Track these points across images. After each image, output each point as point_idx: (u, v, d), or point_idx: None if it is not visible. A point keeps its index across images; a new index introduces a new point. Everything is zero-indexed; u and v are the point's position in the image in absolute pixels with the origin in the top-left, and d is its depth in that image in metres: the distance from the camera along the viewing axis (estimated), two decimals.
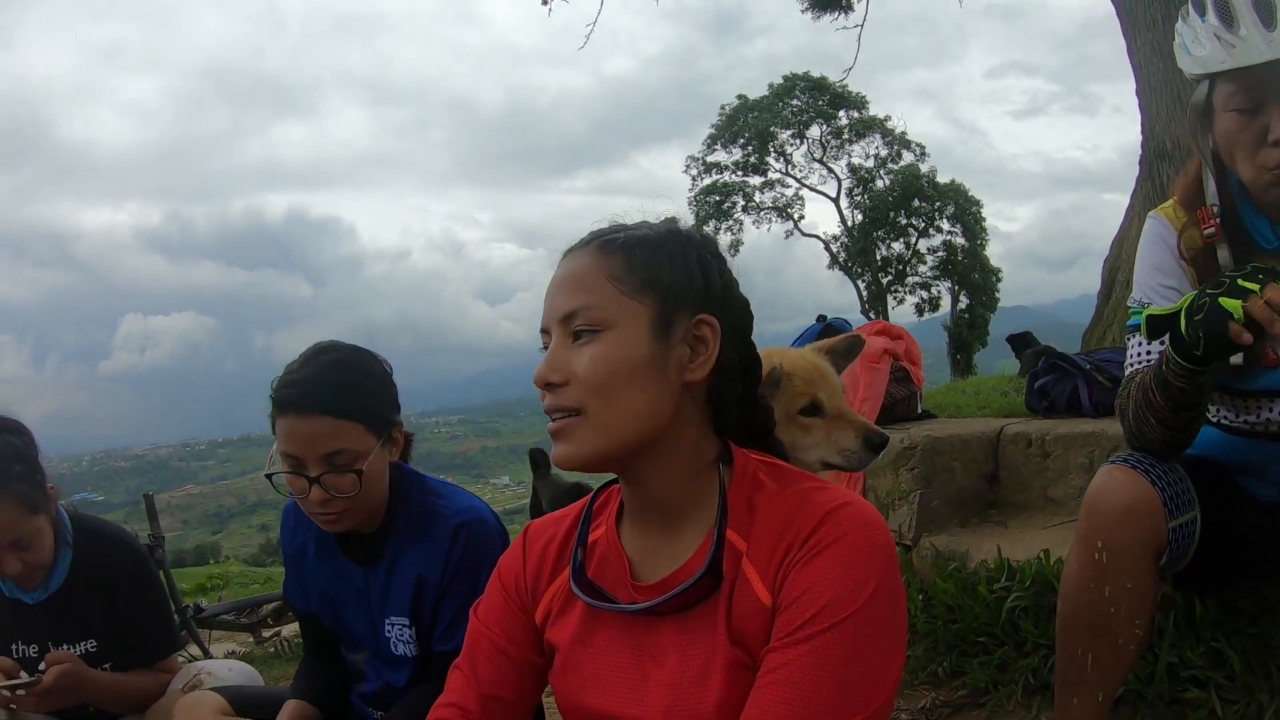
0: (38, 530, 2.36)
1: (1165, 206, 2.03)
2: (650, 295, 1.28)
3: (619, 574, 1.34)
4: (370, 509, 1.99)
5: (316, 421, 1.87)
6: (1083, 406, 3.66)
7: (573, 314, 1.27)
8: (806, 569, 1.18)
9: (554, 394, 1.26)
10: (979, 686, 2.66)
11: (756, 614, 1.22)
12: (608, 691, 1.31)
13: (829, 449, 2.09)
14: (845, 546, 1.18)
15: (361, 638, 2.13)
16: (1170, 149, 5.07)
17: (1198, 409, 1.82)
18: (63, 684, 2.30)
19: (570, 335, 1.27)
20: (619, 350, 1.25)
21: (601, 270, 1.28)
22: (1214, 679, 2.23)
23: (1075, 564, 1.91)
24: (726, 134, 33.42)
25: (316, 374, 1.93)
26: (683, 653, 1.26)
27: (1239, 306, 1.56)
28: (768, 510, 1.27)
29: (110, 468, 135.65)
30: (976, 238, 33.32)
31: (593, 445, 1.25)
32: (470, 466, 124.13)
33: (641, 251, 1.30)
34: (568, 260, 1.34)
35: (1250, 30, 1.71)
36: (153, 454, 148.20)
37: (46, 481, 2.39)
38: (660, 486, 1.31)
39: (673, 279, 1.29)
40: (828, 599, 1.15)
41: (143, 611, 2.56)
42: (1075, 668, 1.93)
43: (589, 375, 1.24)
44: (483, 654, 1.43)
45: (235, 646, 6.83)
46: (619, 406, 1.24)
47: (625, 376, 1.24)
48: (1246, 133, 1.80)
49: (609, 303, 1.26)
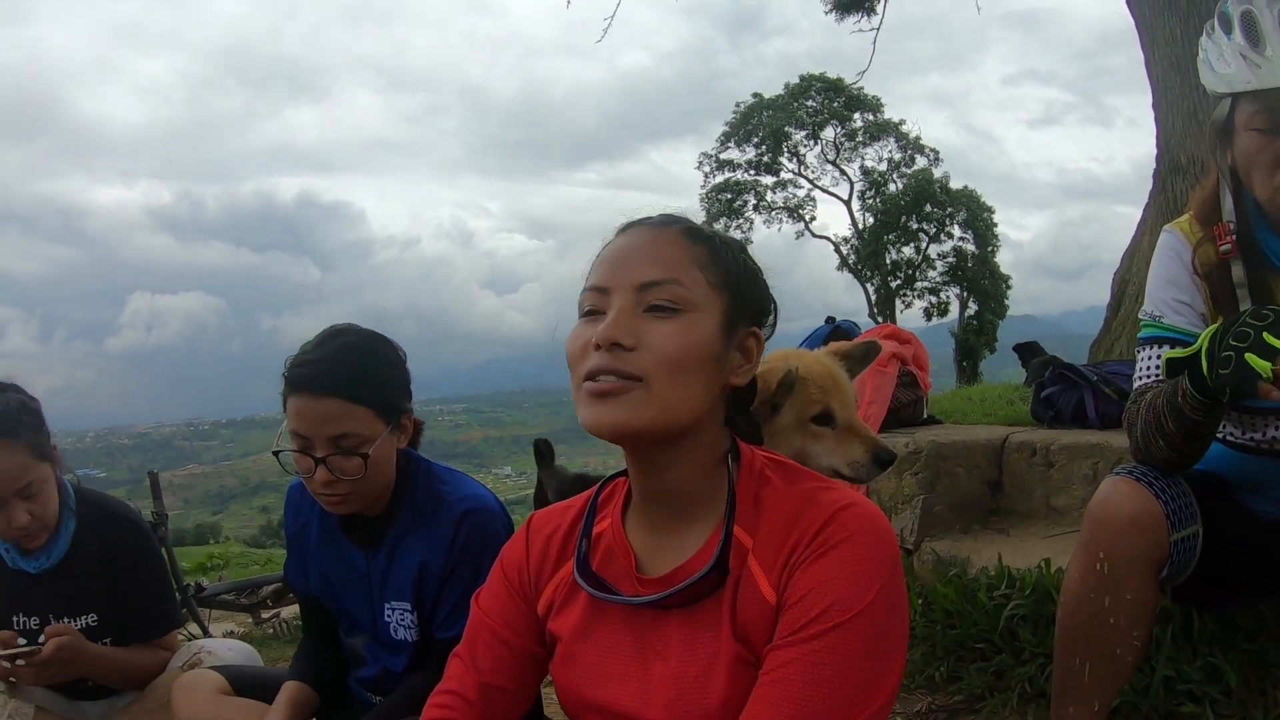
0: (45, 480, 2.38)
1: (1180, 221, 2.03)
2: (725, 294, 1.29)
3: (624, 567, 1.34)
4: (375, 494, 2.00)
5: (327, 403, 1.88)
6: (1088, 418, 3.66)
7: (654, 284, 1.25)
8: (812, 568, 1.18)
9: (617, 357, 1.22)
10: (975, 693, 2.66)
11: (761, 612, 1.22)
12: (610, 684, 1.31)
13: (838, 459, 2.10)
14: (852, 546, 1.18)
15: (361, 621, 2.14)
16: (1185, 164, 5.06)
17: (1209, 437, 1.83)
18: (61, 656, 2.31)
19: (643, 304, 1.25)
20: (696, 335, 1.25)
21: (689, 253, 1.29)
22: (1210, 694, 2.23)
23: (1076, 574, 1.92)
24: (740, 132, 33.38)
25: (331, 356, 1.93)
26: (687, 648, 1.26)
27: (1268, 368, 1.54)
28: (774, 507, 1.27)
29: (113, 445, 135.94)
30: (987, 244, 33.25)
31: (647, 417, 1.22)
32: (473, 456, 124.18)
33: (725, 251, 1.32)
34: (643, 232, 1.33)
35: (1276, 51, 1.71)
36: (156, 432, 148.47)
37: (52, 440, 2.42)
38: (676, 477, 1.30)
39: (745, 286, 1.33)
40: (832, 599, 1.15)
41: (144, 588, 2.57)
42: (1072, 677, 1.93)
43: (666, 349, 1.22)
44: (483, 643, 1.44)
45: (234, 627, 6.84)
46: (682, 388, 1.24)
47: (696, 362, 1.24)
48: (1266, 153, 1.81)
49: (695, 287, 1.26)
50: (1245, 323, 1.59)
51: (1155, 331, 1.98)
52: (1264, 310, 1.60)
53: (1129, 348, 5.13)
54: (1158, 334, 1.97)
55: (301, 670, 2.18)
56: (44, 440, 2.38)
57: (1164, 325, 1.96)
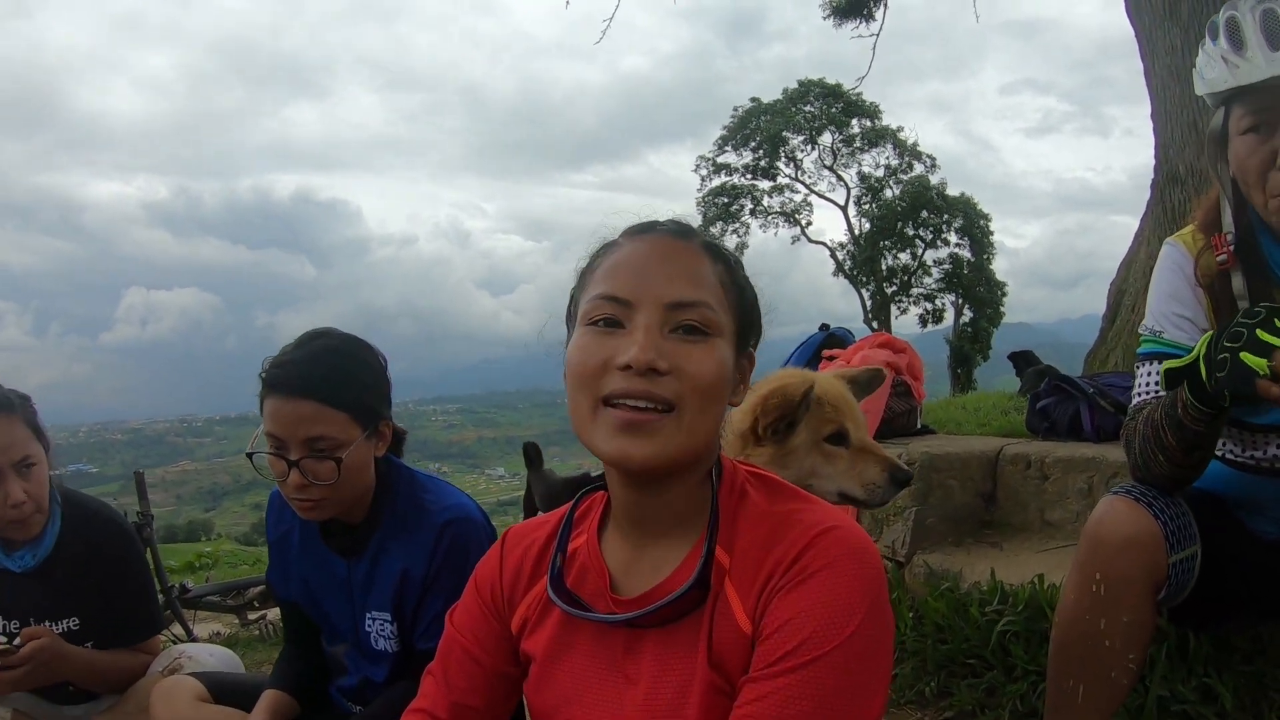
0: (41, 462, 2.38)
1: (1183, 233, 2.02)
2: (738, 315, 1.26)
3: (598, 585, 1.30)
4: (349, 501, 1.97)
5: (302, 405, 1.86)
6: (1084, 430, 3.64)
7: (689, 305, 1.19)
8: (789, 596, 1.14)
9: (652, 382, 1.15)
10: (966, 709, 2.63)
11: (736, 639, 1.18)
12: (583, 707, 1.28)
13: (850, 480, 2.09)
14: (831, 574, 1.14)
15: (342, 629, 2.11)
16: (1183, 174, 5.04)
17: (1210, 449, 1.80)
18: (40, 658, 2.28)
19: (669, 325, 1.18)
20: (722, 360, 1.21)
21: (713, 272, 1.24)
22: (1204, 715, 2.21)
23: (1072, 593, 1.89)
24: (738, 136, 33.40)
25: (309, 357, 1.91)
26: (662, 670, 1.23)
27: (1264, 365, 1.52)
28: (751, 526, 1.24)
29: (106, 440, 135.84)
30: (984, 252, 33.29)
31: (678, 446, 1.18)
32: (466, 456, 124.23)
33: (737, 270, 1.28)
34: (666, 243, 1.25)
35: (1255, 52, 1.73)
36: (150, 428, 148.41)
37: (44, 429, 2.42)
38: (675, 497, 1.27)
39: (750, 307, 1.30)
40: (809, 632, 1.11)
41: (126, 591, 2.56)
42: (1066, 697, 1.90)
43: (700, 376, 1.17)
44: (455, 660, 1.41)
45: (220, 628, 6.80)
46: (710, 415, 1.21)
47: (720, 389, 1.21)
48: (1255, 157, 1.81)
49: (720, 311, 1.22)
50: (1238, 323, 1.57)
51: (1155, 347, 1.95)
52: (1256, 309, 1.58)
53: (1124, 358, 5.11)
54: (1157, 349, 1.94)
55: (281, 678, 2.16)
56: (38, 422, 2.40)
57: (1164, 341, 1.94)
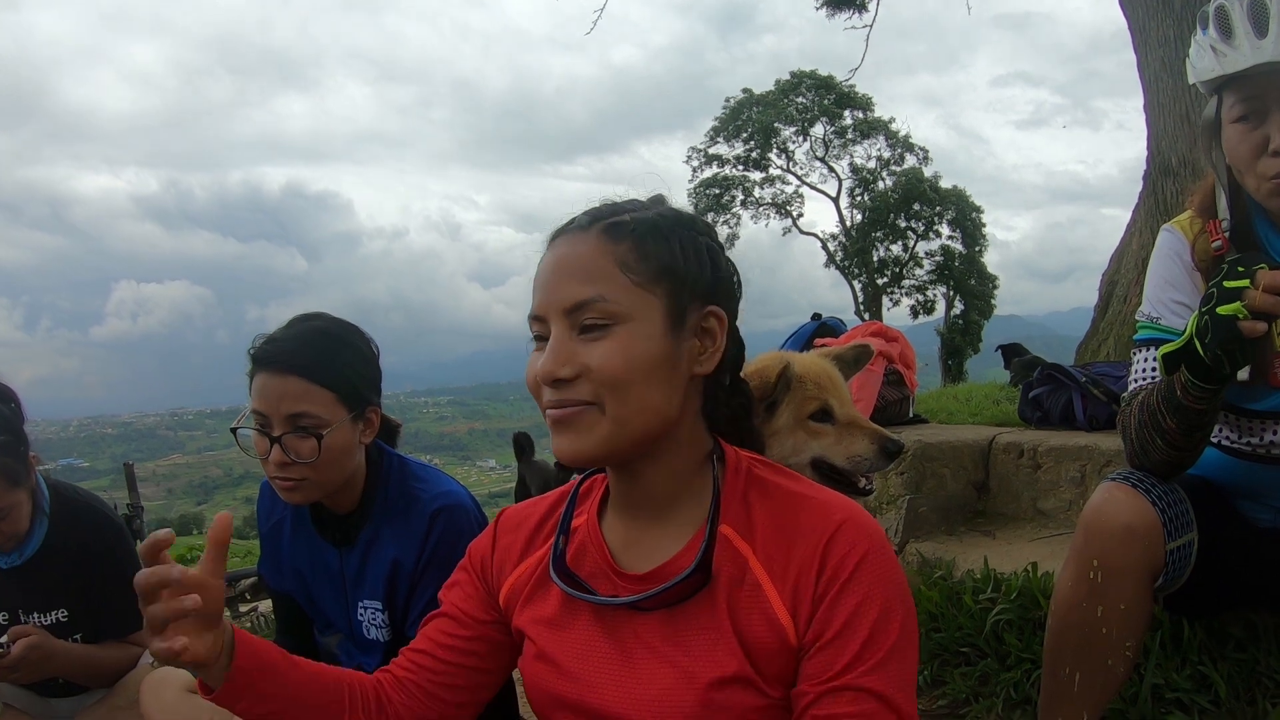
0: (17, 504, 2.34)
1: (1180, 219, 2.02)
2: (664, 286, 1.21)
3: (598, 563, 1.30)
4: (332, 485, 1.96)
5: (287, 381, 1.87)
6: (1076, 419, 3.64)
7: (581, 305, 1.18)
8: (837, 605, 1.16)
9: (561, 390, 1.18)
10: (959, 698, 2.63)
11: (771, 630, 1.19)
12: (583, 682, 1.27)
13: (838, 453, 2.05)
14: (868, 573, 1.16)
15: (335, 619, 2.11)
16: (1175, 166, 5.05)
17: (1208, 429, 1.80)
18: (30, 656, 2.27)
19: (576, 327, 1.19)
20: (636, 346, 1.18)
21: (611, 257, 1.21)
22: (1199, 703, 2.20)
23: (1069, 581, 1.88)
24: (730, 127, 33.35)
25: (296, 336, 1.93)
26: (673, 648, 1.22)
27: (1239, 308, 1.55)
28: (770, 512, 1.24)
29: (97, 434, 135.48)
30: (975, 244, 33.35)
31: (603, 439, 1.18)
32: (457, 448, 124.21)
33: (654, 239, 1.23)
34: (566, 243, 1.24)
35: (1242, 40, 1.74)
36: (140, 422, 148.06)
37: (29, 451, 2.36)
38: (654, 481, 1.26)
39: (685, 269, 1.24)
40: (863, 638, 1.14)
41: (116, 584, 2.53)
42: (1061, 686, 1.90)
43: (605, 370, 1.17)
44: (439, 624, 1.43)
45: None
46: (636, 403, 1.18)
47: (643, 372, 1.18)
48: (1246, 143, 1.82)
49: (622, 295, 1.19)
50: (1208, 292, 1.61)
51: (1152, 333, 1.95)
52: (1220, 268, 1.62)
53: (1116, 349, 5.12)
54: (1154, 336, 1.95)
55: None
56: (19, 463, 2.32)
57: (1160, 327, 1.94)
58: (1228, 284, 1.57)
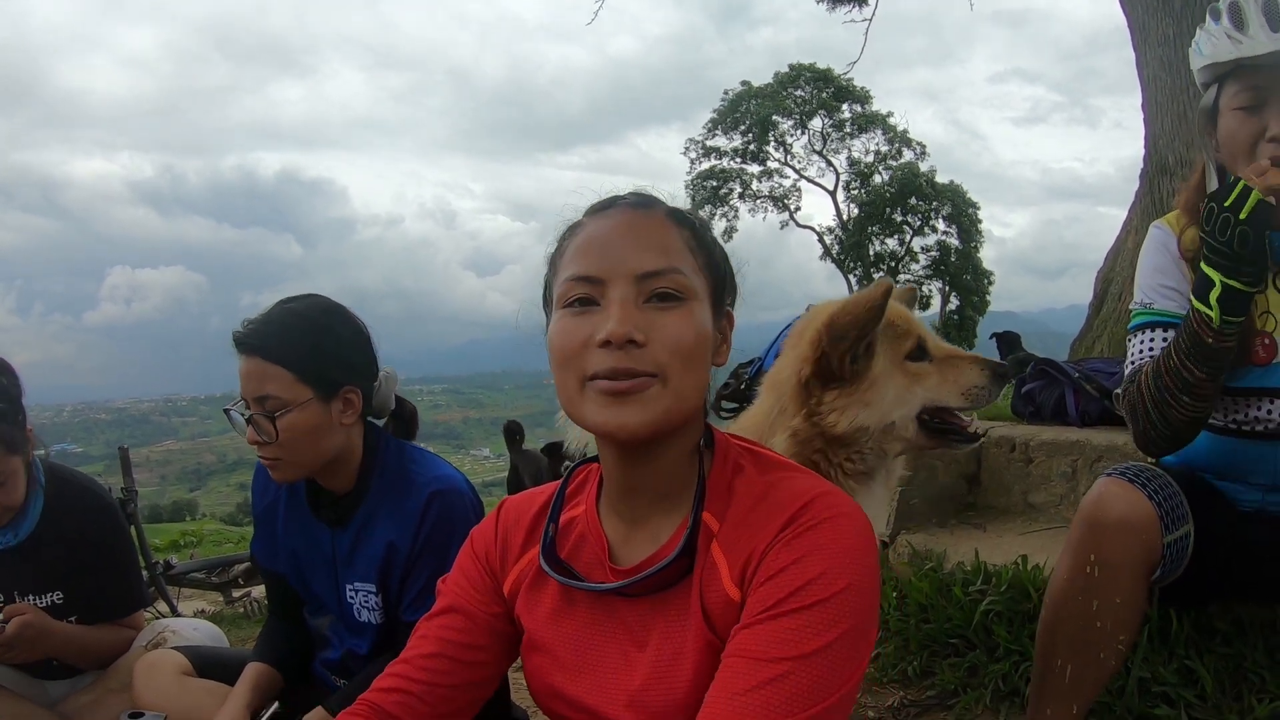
0: (14, 471, 2.34)
1: (1168, 216, 2.09)
2: (710, 276, 1.26)
3: (596, 555, 1.31)
4: (309, 464, 1.98)
5: (251, 362, 1.93)
6: (1069, 414, 3.65)
7: (657, 273, 1.19)
8: (788, 547, 1.15)
9: (631, 355, 1.16)
10: (948, 688, 2.65)
11: (726, 608, 1.19)
12: (579, 673, 1.29)
13: (949, 391, 1.91)
14: (830, 529, 1.15)
15: (326, 602, 2.11)
16: (1173, 164, 5.05)
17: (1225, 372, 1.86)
18: (25, 635, 2.27)
19: (643, 295, 1.19)
20: (701, 322, 1.21)
21: (679, 238, 1.24)
22: (1185, 697, 2.22)
23: (1065, 574, 1.90)
24: (728, 119, 33.31)
25: (268, 318, 1.98)
26: (659, 636, 1.24)
27: (1257, 196, 1.68)
28: (744, 496, 1.25)
29: (90, 420, 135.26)
30: (971, 240, 33.38)
31: (662, 412, 1.18)
32: (452, 436, 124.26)
33: (705, 231, 1.29)
34: (631, 215, 1.26)
35: (1257, 31, 1.81)
36: (134, 408, 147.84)
37: (26, 422, 2.36)
38: (660, 467, 1.27)
39: (723, 266, 1.30)
40: (807, 578, 1.11)
41: (110, 566, 2.54)
42: (1053, 678, 1.91)
43: (681, 342, 1.18)
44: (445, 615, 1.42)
45: (205, 605, 6.80)
46: (694, 376, 1.21)
47: (703, 351, 1.21)
48: (1245, 129, 1.87)
49: (691, 273, 1.22)
50: (1209, 201, 1.76)
51: (1147, 317, 2.00)
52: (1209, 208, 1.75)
53: (1110, 346, 5.13)
54: (1149, 319, 2.00)
55: (265, 652, 2.16)
56: (17, 430, 2.33)
57: (1154, 310, 1.99)
58: (1228, 201, 1.69)
